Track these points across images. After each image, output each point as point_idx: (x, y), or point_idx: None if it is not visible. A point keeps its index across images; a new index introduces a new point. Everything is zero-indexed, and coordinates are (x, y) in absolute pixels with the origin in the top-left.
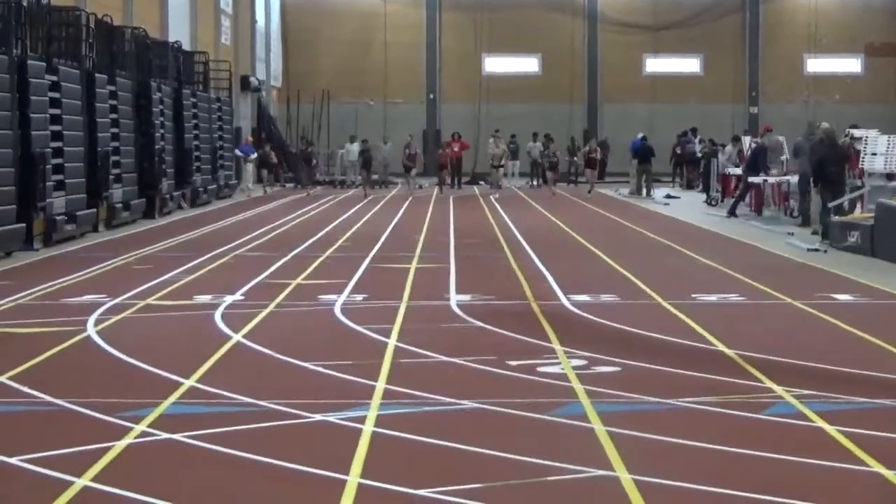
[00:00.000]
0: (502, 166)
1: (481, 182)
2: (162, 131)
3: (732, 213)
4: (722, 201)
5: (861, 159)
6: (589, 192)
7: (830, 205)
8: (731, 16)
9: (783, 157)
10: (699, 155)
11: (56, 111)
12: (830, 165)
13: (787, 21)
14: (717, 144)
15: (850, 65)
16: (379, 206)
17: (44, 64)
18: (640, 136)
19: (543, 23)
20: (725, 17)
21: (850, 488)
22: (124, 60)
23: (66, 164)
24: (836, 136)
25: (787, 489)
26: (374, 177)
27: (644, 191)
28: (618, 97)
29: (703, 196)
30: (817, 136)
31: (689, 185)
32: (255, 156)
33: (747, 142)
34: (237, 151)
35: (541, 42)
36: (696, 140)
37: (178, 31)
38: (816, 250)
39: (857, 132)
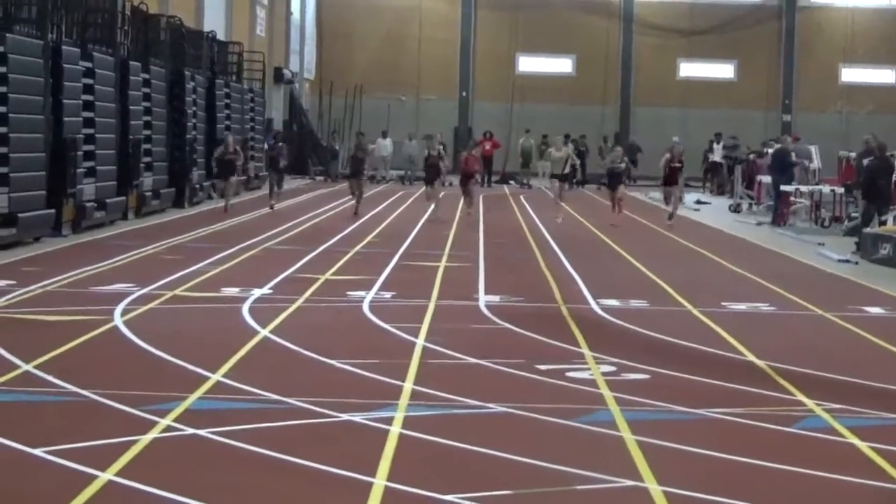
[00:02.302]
0: (567, 176)
1: (511, 181)
2: (194, 121)
3: (775, 222)
4: (750, 208)
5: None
6: (669, 218)
7: (883, 218)
8: (766, 23)
9: (814, 167)
10: (719, 160)
11: (89, 97)
12: (880, 178)
13: (824, 30)
14: (753, 151)
15: (885, 76)
16: (409, 202)
17: (78, 50)
18: (675, 139)
19: (578, 23)
20: (761, 24)
21: None
22: (159, 49)
23: (97, 151)
24: (886, 149)
25: None
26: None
27: None
28: (650, 100)
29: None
30: (866, 149)
31: (720, 191)
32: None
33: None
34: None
35: (575, 43)
36: (720, 145)
37: (214, 21)
38: (847, 261)
39: None
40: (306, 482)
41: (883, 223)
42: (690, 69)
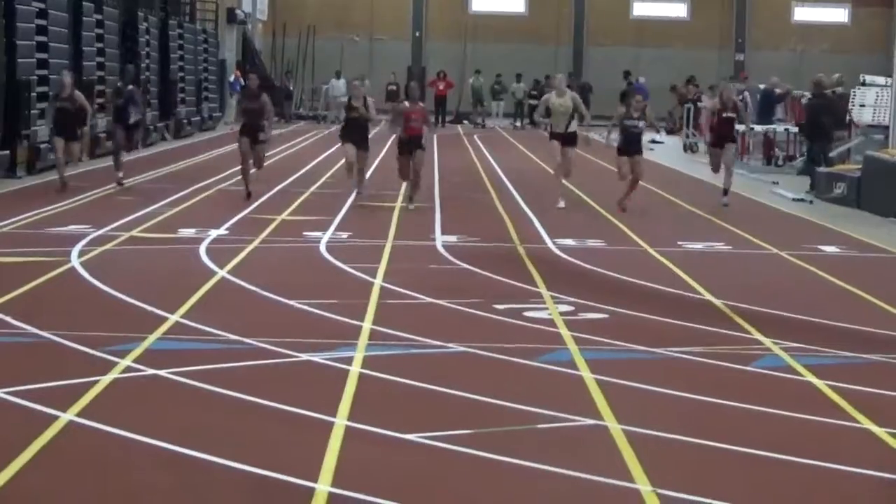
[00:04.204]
0: (574, 138)
1: (465, 121)
2: (147, 62)
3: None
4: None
5: (849, 111)
6: (725, 193)
7: (833, 154)
8: None
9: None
10: None
11: (42, 38)
12: (822, 116)
13: None
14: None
15: (838, 14)
16: None
17: None
18: (641, 79)
19: None
20: None
21: (841, 444)
22: None
23: (50, 93)
24: (825, 86)
25: (778, 444)
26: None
27: None
28: (603, 40)
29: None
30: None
31: (671, 131)
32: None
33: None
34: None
35: None
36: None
37: None
38: (802, 200)
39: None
40: (268, 422)
41: (829, 161)
42: (644, 8)
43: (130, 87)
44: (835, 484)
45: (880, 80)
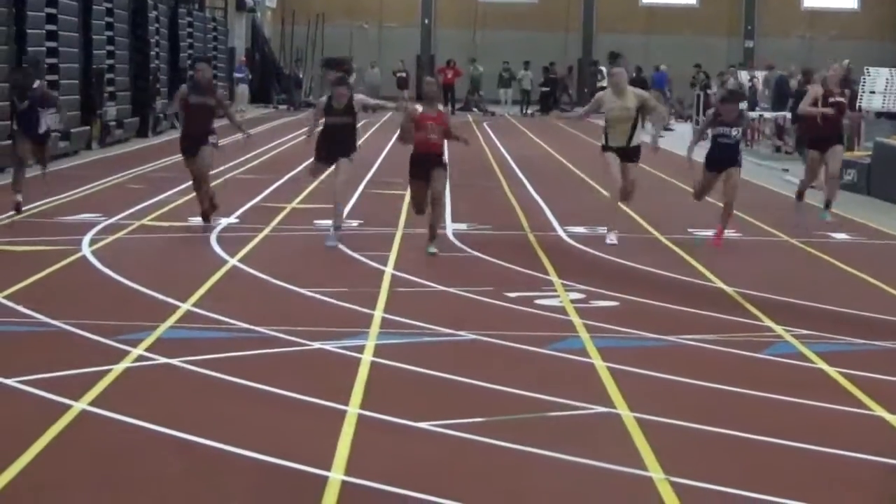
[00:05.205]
0: (638, 153)
1: (474, 109)
2: (157, 50)
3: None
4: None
5: (859, 98)
6: (827, 206)
7: None
8: None
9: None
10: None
11: (52, 27)
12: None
13: None
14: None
15: (847, 0)
16: (371, 130)
17: None
18: (662, 67)
19: None
20: None
21: (853, 431)
22: None
23: (60, 81)
24: (812, 73)
25: (790, 431)
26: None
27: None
28: (613, 27)
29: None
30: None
31: (680, 116)
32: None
33: (744, 76)
34: (235, 74)
35: None
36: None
37: None
38: (812, 187)
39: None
40: (280, 410)
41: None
42: None
43: (38, 83)
44: (847, 470)
45: (884, 71)
